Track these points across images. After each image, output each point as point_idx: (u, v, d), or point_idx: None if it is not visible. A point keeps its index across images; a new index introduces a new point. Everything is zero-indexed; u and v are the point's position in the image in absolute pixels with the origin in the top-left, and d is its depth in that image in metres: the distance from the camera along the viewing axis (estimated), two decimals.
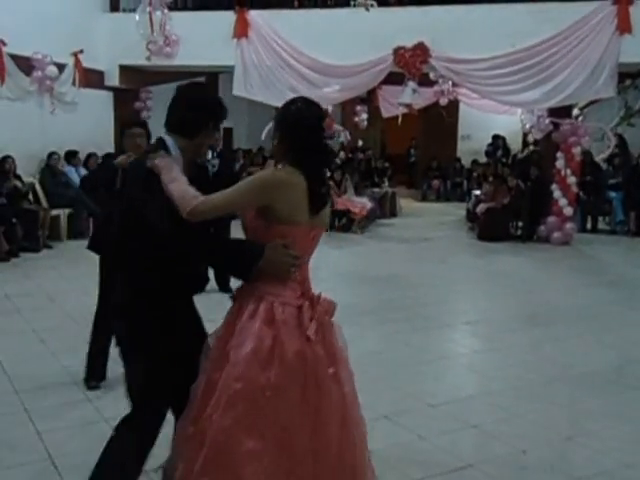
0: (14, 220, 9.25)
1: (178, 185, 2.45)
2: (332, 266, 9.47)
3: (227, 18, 11.90)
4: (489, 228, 11.76)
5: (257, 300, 2.51)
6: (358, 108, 17.25)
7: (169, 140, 2.69)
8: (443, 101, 15.50)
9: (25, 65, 10.65)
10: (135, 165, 2.84)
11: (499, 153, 17.32)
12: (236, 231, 2.99)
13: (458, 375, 5.22)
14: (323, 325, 2.56)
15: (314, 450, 2.50)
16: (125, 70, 12.35)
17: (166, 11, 10.39)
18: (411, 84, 11.98)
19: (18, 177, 9.90)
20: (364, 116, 17.47)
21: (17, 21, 10.16)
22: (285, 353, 2.43)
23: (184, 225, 2.45)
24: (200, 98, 2.76)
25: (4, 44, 10.06)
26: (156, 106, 14.31)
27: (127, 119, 11.74)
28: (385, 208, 14.82)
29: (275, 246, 2.47)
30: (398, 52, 11.54)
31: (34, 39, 10.54)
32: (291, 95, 10.70)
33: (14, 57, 10.34)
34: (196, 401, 2.53)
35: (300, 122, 2.53)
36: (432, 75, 13.45)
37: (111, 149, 13.34)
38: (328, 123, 2.41)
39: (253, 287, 2.55)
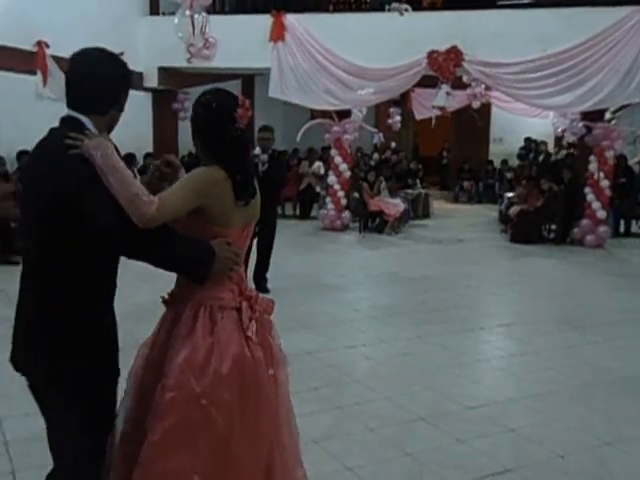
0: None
1: (122, 178, 2.10)
2: (366, 267, 9.57)
3: (264, 22, 12.07)
4: (522, 230, 11.74)
5: (195, 306, 2.35)
6: (391, 110, 17.32)
7: (83, 118, 2.23)
8: (476, 104, 15.54)
9: (66, 66, 10.79)
10: (52, 149, 2.19)
11: (532, 156, 17.23)
12: None
13: (495, 378, 5.24)
14: (262, 325, 2.45)
15: (256, 456, 2.38)
16: (163, 72, 12.56)
17: (205, 14, 10.55)
18: (444, 87, 12.07)
19: None
20: (397, 118, 17.54)
21: (60, 23, 10.41)
22: (223, 359, 2.28)
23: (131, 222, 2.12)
24: (111, 66, 2.31)
25: (47, 46, 10.35)
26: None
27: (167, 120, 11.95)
28: (418, 209, 14.88)
29: (219, 243, 2.30)
30: (432, 55, 11.62)
31: (76, 41, 10.49)
32: (326, 97, 10.99)
33: (56, 59, 10.54)
34: (130, 418, 2.38)
35: (209, 114, 2.38)
36: (465, 78, 13.50)
37: (150, 149, 13.62)
38: (242, 113, 2.30)
39: (189, 291, 2.36)
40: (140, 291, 6.05)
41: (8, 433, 3.96)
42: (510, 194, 13.75)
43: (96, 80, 2.26)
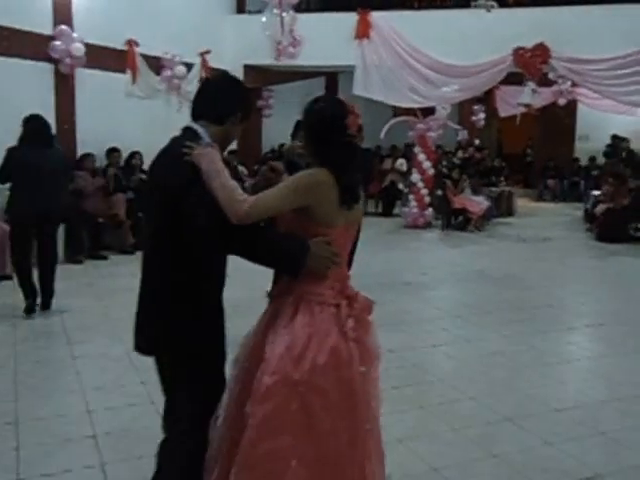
0: (139, 214, 9.41)
1: (223, 182, 2.33)
2: (449, 265, 9.50)
3: (349, 19, 12.14)
4: (608, 229, 11.45)
5: (296, 300, 2.47)
6: (475, 108, 17.12)
7: (199, 128, 2.55)
8: (561, 101, 15.18)
9: (155, 65, 11.17)
10: (171, 154, 2.52)
11: (623, 154, 16.67)
12: None
13: (584, 379, 5.11)
14: (360, 323, 2.52)
15: (352, 445, 2.43)
16: (249, 70, 12.74)
17: (293, 12, 10.68)
18: (530, 84, 11.86)
19: (145, 172, 10.24)
20: (481, 115, 17.33)
21: (148, 23, 10.67)
22: (320, 350, 2.38)
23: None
24: (232, 86, 2.65)
25: (137, 45, 10.59)
26: (277, 105, 14.73)
27: (252, 117, 12.14)
28: (501, 207, 14.61)
29: (318, 242, 2.43)
30: (518, 52, 11.44)
31: (164, 40, 11.02)
32: (411, 95, 10.93)
33: (145, 57, 10.85)
34: (230, 402, 2.51)
35: (322, 121, 2.51)
36: (551, 75, 13.23)
37: (234, 146, 13.87)
38: (352, 120, 2.40)
39: (291, 286, 2.50)
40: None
41: (97, 426, 4.04)
42: (596, 192, 13.38)
43: (215, 93, 2.61)
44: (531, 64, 11.36)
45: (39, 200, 6.10)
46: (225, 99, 2.58)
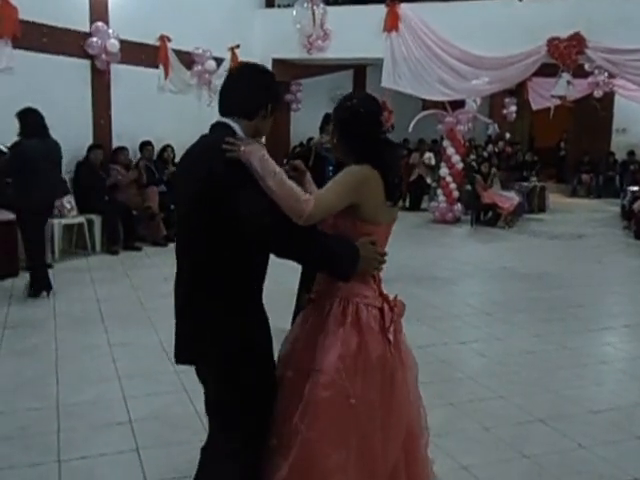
0: (172, 207, 9.51)
1: (282, 181, 2.23)
2: (478, 261, 9.34)
3: (378, 11, 11.98)
4: None
5: (342, 302, 2.44)
6: (507, 100, 16.88)
7: (234, 124, 2.40)
8: (598, 93, 14.81)
9: (187, 60, 11.23)
10: (208, 151, 2.36)
11: None
12: None
13: (620, 381, 4.96)
14: (396, 327, 2.52)
15: (387, 452, 2.44)
16: (278, 63, 12.66)
17: (323, 6, 10.60)
18: (565, 76, 11.57)
19: (177, 166, 10.37)
20: (513, 108, 17.07)
21: (180, 19, 10.73)
22: (369, 359, 2.37)
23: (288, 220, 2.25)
24: (260, 77, 2.50)
25: (169, 40, 10.67)
26: (305, 99, 14.66)
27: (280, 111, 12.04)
28: (533, 203, 14.34)
29: (364, 243, 2.40)
30: (552, 43, 11.19)
31: (195, 35, 11.09)
32: (440, 87, 10.75)
33: (177, 52, 10.93)
34: (275, 412, 2.45)
35: (357, 118, 2.47)
36: (587, 66, 12.92)
37: (262, 140, 13.84)
38: (386, 117, 2.33)
39: (335, 288, 2.45)
40: None
41: (132, 412, 4.13)
42: (634, 188, 13.04)
43: (244, 87, 2.46)
44: (566, 55, 11.09)
45: (48, 188, 6.60)
46: (253, 92, 2.44)
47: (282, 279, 4.63)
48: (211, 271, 2.34)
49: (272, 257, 2.41)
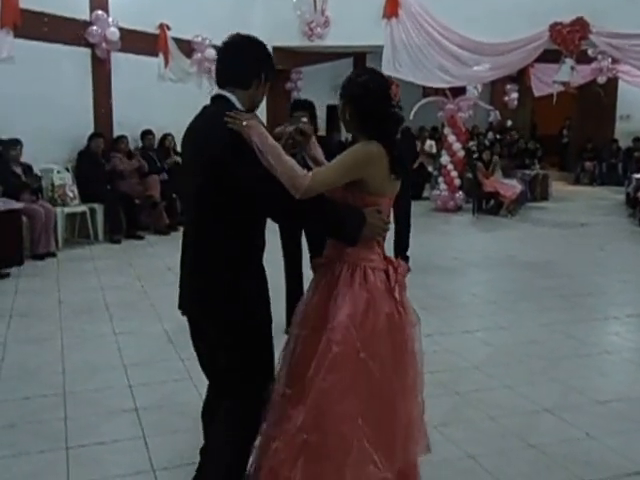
0: (174, 195, 9.71)
1: (280, 156, 2.36)
2: (481, 250, 9.30)
3: None
4: None
5: (351, 266, 2.58)
6: (508, 87, 16.79)
7: (230, 95, 2.51)
8: (601, 79, 14.73)
9: (186, 48, 11.17)
10: (209, 122, 2.50)
11: None
12: None
13: (627, 371, 4.91)
14: (401, 286, 2.67)
15: (404, 405, 2.61)
16: (278, 51, 12.53)
17: None
18: (568, 61, 11.45)
19: (178, 154, 10.25)
20: (514, 95, 17.00)
21: (179, 7, 10.66)
22: (378, 317, 2.52)
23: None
24: (252, 47, 2.57)
25: (169, 28, 10.61)
26: (305, 87, 14.57)
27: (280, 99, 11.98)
28: (536, 191, 14.26)
29: (371, 211, 2.54)
30: (555, 28, 11.10)
31: (195, 23, 11.00)
32: (440, 74, 10.63)
33: (177, 40, 10.88)
34: (291, 365, 2.63)
35: (367, 94, 2.55)
36: (591, 52, 12.84)
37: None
38: (394, 91, 2.44)
39: (344, 253, 2.60)
40: None
41: (138, 400, 4.14)
42: (639, 175, 12.95)
43: (237, 56, 2.55)
44: (569, 40, 10.99)
45: None
46: (247, 61, 2.53)
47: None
48: (215, 234, 2.48)
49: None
